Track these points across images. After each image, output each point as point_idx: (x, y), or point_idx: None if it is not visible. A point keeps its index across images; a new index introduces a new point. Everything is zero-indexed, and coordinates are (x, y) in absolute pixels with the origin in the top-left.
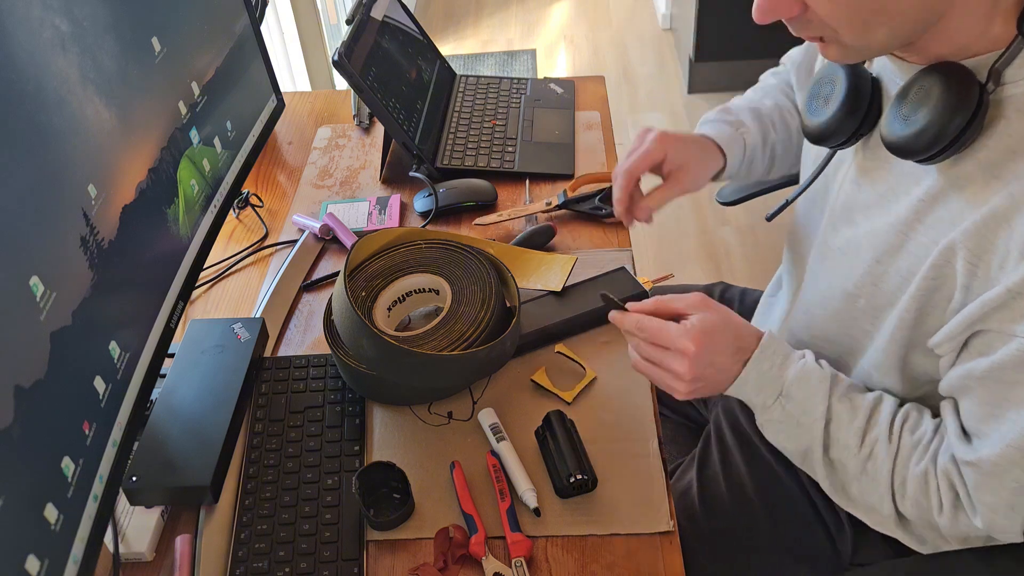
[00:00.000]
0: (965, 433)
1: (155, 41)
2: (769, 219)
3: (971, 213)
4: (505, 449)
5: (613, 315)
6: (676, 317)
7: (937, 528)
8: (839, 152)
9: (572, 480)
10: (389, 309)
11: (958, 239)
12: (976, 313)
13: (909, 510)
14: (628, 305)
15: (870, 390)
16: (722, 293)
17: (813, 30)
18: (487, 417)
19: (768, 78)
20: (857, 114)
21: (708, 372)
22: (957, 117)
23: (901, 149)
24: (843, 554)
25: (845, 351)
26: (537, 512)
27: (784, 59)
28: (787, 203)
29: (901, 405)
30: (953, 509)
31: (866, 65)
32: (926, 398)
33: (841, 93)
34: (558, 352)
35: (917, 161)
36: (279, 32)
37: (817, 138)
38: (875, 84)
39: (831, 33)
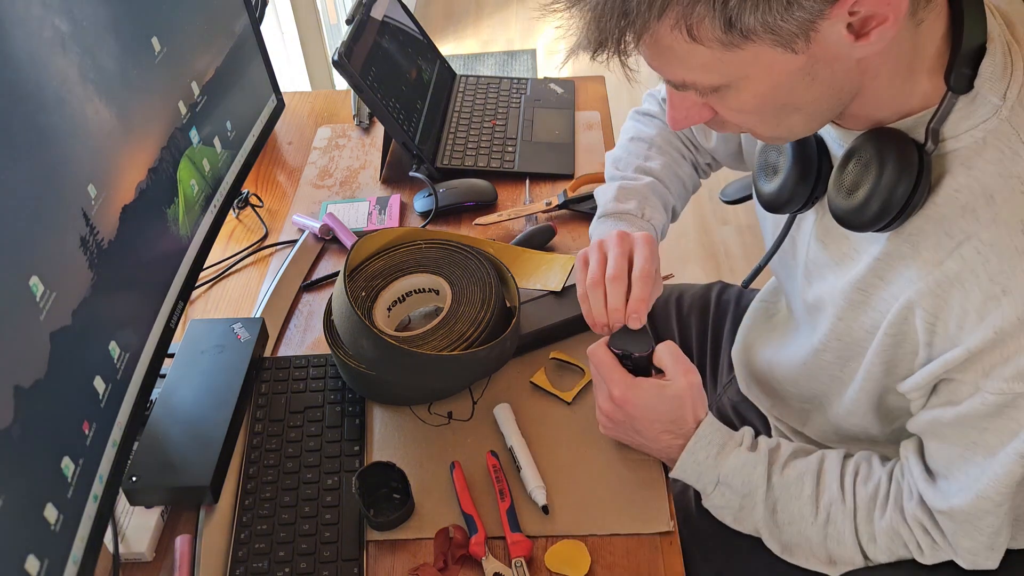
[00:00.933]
0: (930, 473)
1: (155, 41)
2: (745, 286)
3: (926, 273)
4: (518, 444)
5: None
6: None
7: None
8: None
9: None
10: (389, 309)
11: (915, 299)
12: (939, 370)
13: (882, 558)
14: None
15: (811, 451)
16: (720, 293)
17: (732, 128)
18: (503, 412)
19: (646, 125)
20: (808, 180)
21: (627, 430)
22: (901, 185)
23: (850, 223)
24: None
25: (820, 394)
26: (546, 510)
27: (648, 97)
28: (759, 268)
29: (846, 457)
30: (933, 551)
31: None
32: (904, 431)
33: (788, 160)
34: (553, 358)
35: (870, 231)
36: (279, 32)
37: (773, 207)
38: (821, 144)
39: (749, 129)
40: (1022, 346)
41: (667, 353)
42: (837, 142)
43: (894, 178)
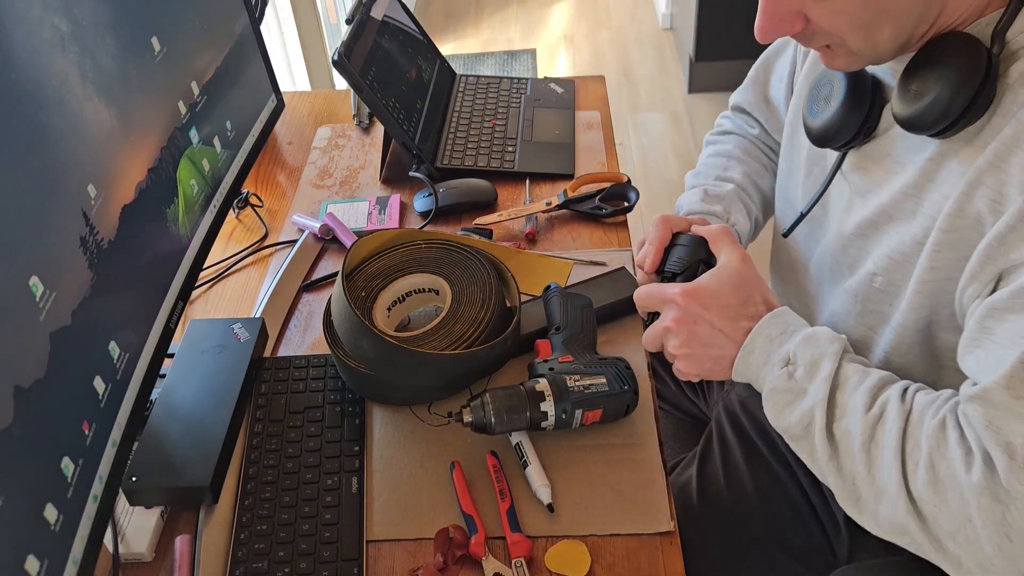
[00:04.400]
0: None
1: (155, 41)
2: (786, 235)
3: (979, 152)
4: (526, 441)
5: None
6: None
7: (963, 499)
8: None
9: None
10: (389, 309)
11: (973, 179)
12: (994, 242)
13: (921, 480)
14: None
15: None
16: None
17: (819, 40)
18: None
19: (723, 142)
20: (861, 109)
21: (703, 334)
22: (968, 85)
23: (914, 125)
24: (839, 554)
25: (862, 344)
26: (551, 508)
27: (729, 113)
28: (802, 216)
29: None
30: (986, 462)
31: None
32: (950, 382)
33: (842, 91)
34: None
35: (932, 135)
36: (279, 32)
37: (822, 139)
38: (874, 80)
39: (837, 41)
40: None
41: (720, 238)
42: (889, 73)
43: (963, 77)
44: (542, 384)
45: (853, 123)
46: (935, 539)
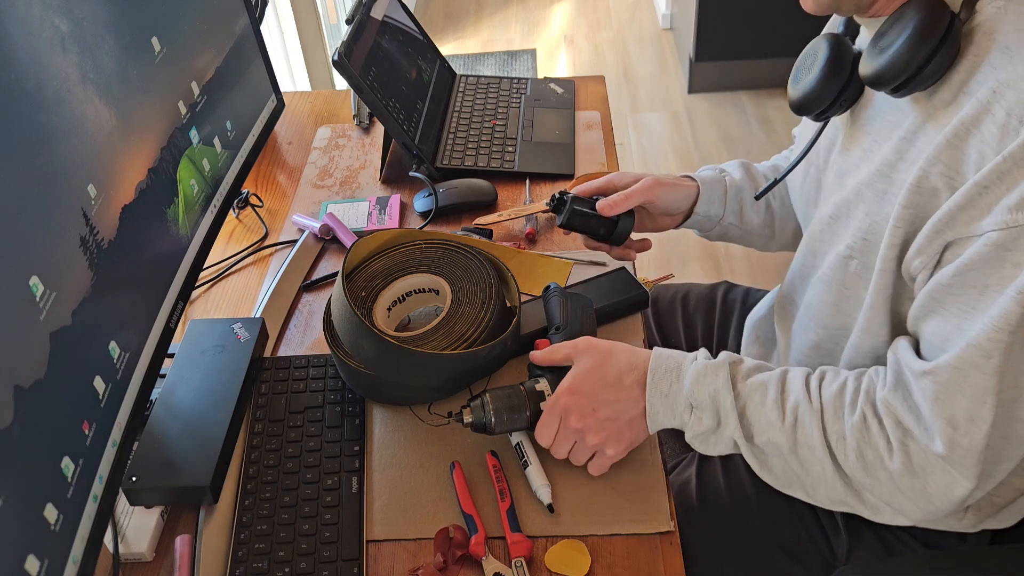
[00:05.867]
0: (921, 357)
1: (155, 41)
2: (758, 198)
3: (940, 129)
4: (526, 441)
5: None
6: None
7: (891, 478)
8: (828, 140)
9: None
10: (389, 309)
11: (932, 156)
12: (944, 217)
13: (852, 465)
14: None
15: (770, 367)
16: (726, 293)
17: None
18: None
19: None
20: (839, 77)
21: (602, 411)
22: (926, 45)
23: (876, 80)
24: (838, 555)
25: (840, 334)
26: (551, 508)
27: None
28: (776, 181)
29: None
30: (903, 447)
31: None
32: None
33: (822, 60)
34: None
35: (891, 92)
36: (279, 32)
37: (800, 106)
38: (857, 56)
39: None
40: None
41: (555, 351)
42: (867, 36)
43: (921, 35)
44: (542, 384)
45: (831, 90)
46: (872, 506)
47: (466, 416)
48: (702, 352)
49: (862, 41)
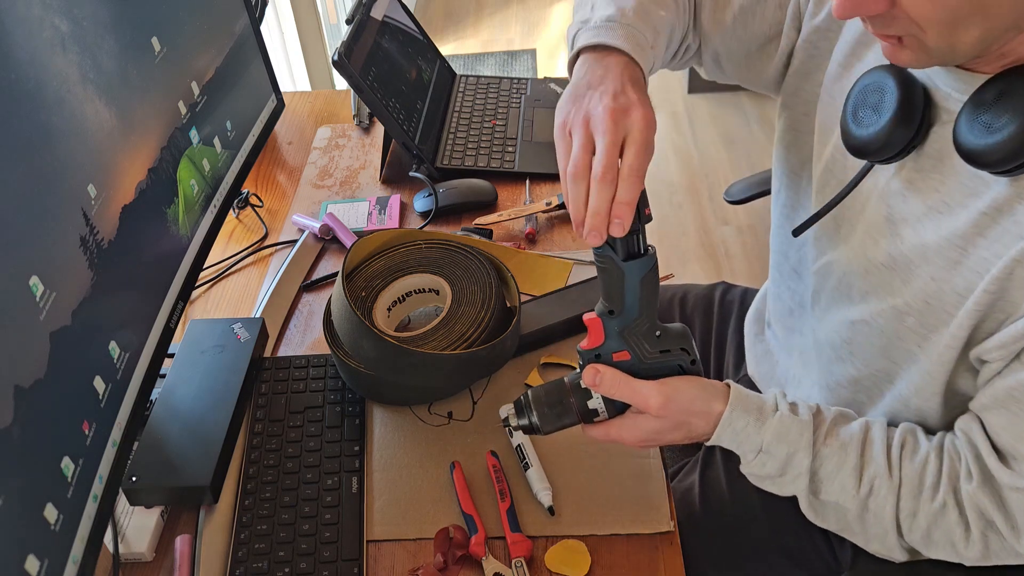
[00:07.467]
0: (998, 452)
1: (155, 41)
2: (796, 234)
3: None
4: (527, 443)
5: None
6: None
7: (955, 554)
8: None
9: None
10: (389, 309)
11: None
12: None
13: (915, 539)
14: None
15: (852, 416)
16: (723, 294)
17: (895, 28)
18: (508, 411)
19: None
20: (911, 126)
21: (671, 433)
22: None
23: (982, 159)
24: (841, 562)
25: (882, 376)
26: (551, 511)
27: None
28: (817, 216)
29: (890, 426)
30: (984, 538)
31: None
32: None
33: (893, 104)
34: (545, 363)
35: (999, 172)
36: (279, 32)
37: (862, 151)
38: (926, 93)
39: (914, 33)
40: None
41: (647, 391)
42: (955, 88)
43: None
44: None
45: (901, 139)
46: (914, 554)
47: (512, 420)
48: (780, 397)
49: (926, 77)
